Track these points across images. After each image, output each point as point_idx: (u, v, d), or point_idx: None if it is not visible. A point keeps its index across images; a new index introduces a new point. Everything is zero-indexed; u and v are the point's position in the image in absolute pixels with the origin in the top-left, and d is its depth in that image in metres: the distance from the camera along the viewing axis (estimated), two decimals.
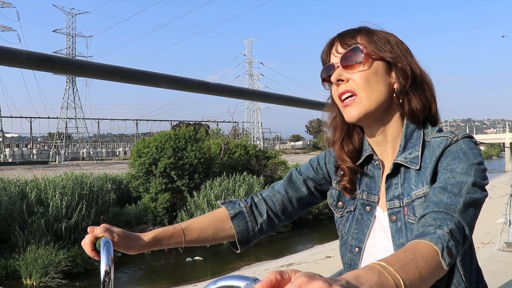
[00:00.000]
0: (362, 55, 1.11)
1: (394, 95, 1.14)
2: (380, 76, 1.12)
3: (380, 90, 1.12)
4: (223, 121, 61.33)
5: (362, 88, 1.12)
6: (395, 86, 1.14)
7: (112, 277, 1.03)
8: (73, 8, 64.06)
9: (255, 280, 0.87)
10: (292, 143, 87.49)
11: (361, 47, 1.12)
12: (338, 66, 1.15)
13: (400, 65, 1.13)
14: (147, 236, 1.19)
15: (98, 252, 1.09)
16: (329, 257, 12.16)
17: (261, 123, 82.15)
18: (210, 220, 1.30)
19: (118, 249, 1.13)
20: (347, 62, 1.13)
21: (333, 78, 1.16)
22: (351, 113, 1.14)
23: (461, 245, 0.91)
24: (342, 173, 1.26)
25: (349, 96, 1.14)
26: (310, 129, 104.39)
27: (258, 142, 61.36)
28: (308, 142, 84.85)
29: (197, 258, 18.13)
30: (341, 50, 1.15)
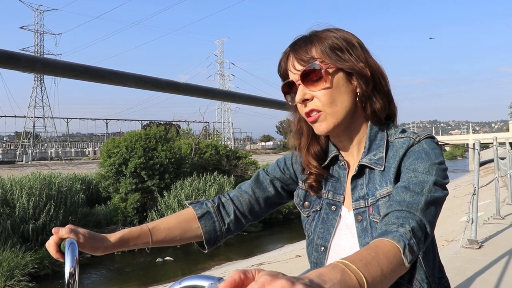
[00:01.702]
0: (322, 72, 1.10)
1: (358, 99, 1.15)
2: (342, 87, 1.13)
3: (345, 102, 1.13)
4: (194, 121, 61.14)
5: (327, 105, 1.12)
6: (358, 90, 1.14)
7: (77, 278, 1.02)
8: (41, 5, 62.73)
9: (220, 279, 0.89)
10: (263, 143, 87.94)
11: (318, 63, 1.11)
12: (299, 84, 1.14)
13: (359, 70, 1.12)
14: (113, 236, 1.18)
15: (63, 254, 1.07)
16: (299, 256, 12.26)
17: (232, 123, 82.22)
18: (178, 220, 1.29)
19: (83, 250, 1.12)
20: (307, 80, 1.12)
21: (297, 99, 1.15)
22: (320, 129, 1.15)
23: (422, 242, 0.93)
24: (308, 172, 1.28)
25: (315, 111, 1.14)
26: (281, 130, 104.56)
27: (228, 142, 61.26)
28: (279, 143, 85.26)
29: (167, 258, 17.99)
30: (298, 67, 1.14)
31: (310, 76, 1.12)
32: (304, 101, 1.15)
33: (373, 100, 1.15)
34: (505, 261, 5.80)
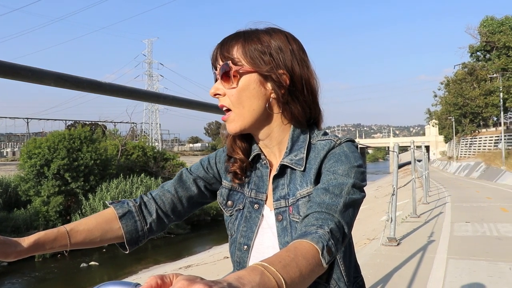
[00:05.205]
0: (231, 72, 1.12)
1: (268, 104, 1.15)
2: (252, 91, 1.14)
3: (253, 105, 1.14)
4: (121, 122, 59.17)
5: (235, 105, 1.14)
6: (272, 96, 1.15)
7: None
8: None
9: (137, 285, 0.89)
10: (191, 145, 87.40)
11: (230, 63, 1.13)
12: (218, 78, 1.17)
13: (275, 77, 1.12)
14: (27, 240, 1.09)
15: None
16: (227, 257, 12.31)
17: (160, 124, 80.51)
18: (97, 221, 1.23)
19: None
20: (223, 77, 1.15)
21: (210, 92, 1.18)
22: (229, 129, 1.18)
23: (340, 243, 0.94)
24: (233, 160, 1.28)
25: (227, 110, 1.17)
26: (209, 131, 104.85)
27: (156, 144, 59.99)
28: (207, 144, 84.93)
29: (92, 263, 17.43)
30: (220, 62, 1.16)
31: (225, 74, 1.14)
32: (216, 95, 1.18)
33: (291, 106, 1.16)
34: (420, 256, 6.20)
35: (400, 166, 7.73)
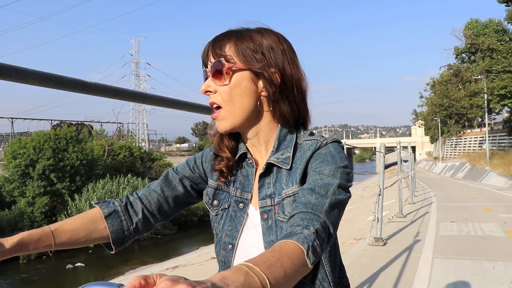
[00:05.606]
0: (224, 69, 1.13)
1: (258, 102, 1.16)
2: (244, 88, 1.14)
3: (244, 103, 1.15)
4: (107, 122, 58.71)
5: (226, 103, 1.15)
6: (263, 94, 1.15)
7: None
8: None
9: (120, 286, 0.88)
10: (178, 145, 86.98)
11: (222, 60, 1.13)
12: (209, 75, 1.17)
13: (267, 75, 1.13)
14: (10, 240, 1.07)
15: None
16: (214, 258, 12.28)
17: (147, 124, 79.91)
18: (83, 221, 1.21)
19: None
20: (215, 74, 1.15)
21: (201, 89, 1.18)
22: (219, 127, 1.18)
23: (326, 243, 0.95)
24: (219, 159, 1.29)
25: (217, 107, 1.17)
26: (196, 132, 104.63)
27: (143, 144, 59.74)
28: (194, 145, 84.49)
29: (78, 264, 17.28)
30: (212, 59, 1.17)
31: (217, 71, 1.15)
32: (207, 92, 1.18)
33: (280, 105, 1.17)
34: (406, 256, 6.26)
35: (387, 167, 7.78)
